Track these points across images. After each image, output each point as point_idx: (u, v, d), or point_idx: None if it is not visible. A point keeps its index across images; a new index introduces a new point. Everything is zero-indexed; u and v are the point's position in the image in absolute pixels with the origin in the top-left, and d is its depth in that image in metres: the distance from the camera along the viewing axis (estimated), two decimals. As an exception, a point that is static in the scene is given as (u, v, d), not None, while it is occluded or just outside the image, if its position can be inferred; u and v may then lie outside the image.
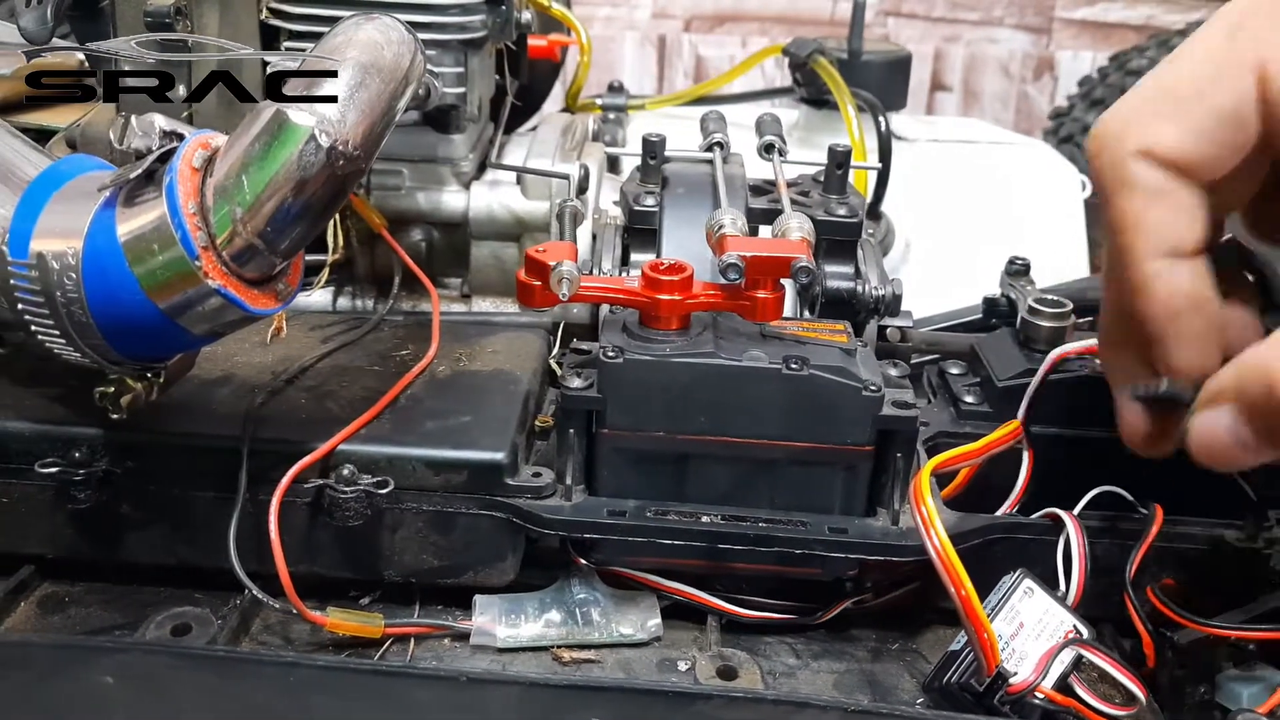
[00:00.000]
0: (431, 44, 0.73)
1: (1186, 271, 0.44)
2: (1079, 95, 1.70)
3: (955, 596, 0.48)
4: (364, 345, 0.69)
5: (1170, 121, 0.42)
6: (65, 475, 0.56)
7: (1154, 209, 0.43)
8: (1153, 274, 0.44)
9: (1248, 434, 0.42)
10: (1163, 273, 0.43)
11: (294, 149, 0.48)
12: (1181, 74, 0.43)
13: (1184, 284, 0.44)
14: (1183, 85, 0.42)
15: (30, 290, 0.50)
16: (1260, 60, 0.41)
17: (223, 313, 0.51)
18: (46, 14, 0.65)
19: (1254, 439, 0.42)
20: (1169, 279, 0.43)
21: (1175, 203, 0.43)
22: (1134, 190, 0.43)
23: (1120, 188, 0.43)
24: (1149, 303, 0.44)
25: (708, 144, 0.73)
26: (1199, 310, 0.44)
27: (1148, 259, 0.43)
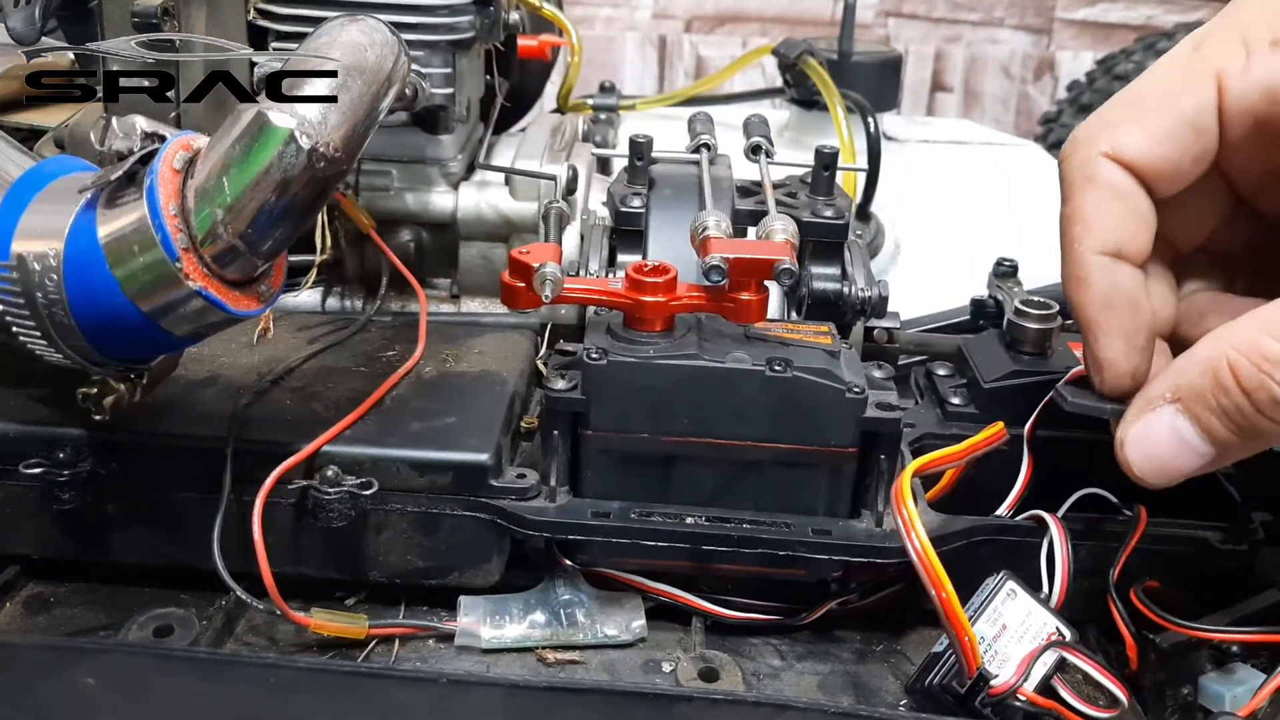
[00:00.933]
0: (419, 45, 0.73)
1: (1126, 272, 0.45)
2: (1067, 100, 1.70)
3: (936, 598, 0.48)
4: (351, 346, 0.69)
5: (1137, 126, 0.44)
6: (50, 476, 0.56)
7: (1109, 207, 0.45)
8: (1094, 266, 0.45)
9: (1193, 432, 0.43)
10: (1104, 266, 0.45)
11: (274, 150, 0.48)
12: (1149, 84, 0.45)
13: (1122, 280, 0.45)
14: (1149, 93, 0.44)
15: (11, 292, 0.50)
16: (1218, 70, 0.42)
17: (204, 314, 0.51)
18: (35, 14, 0.65)
19: (1201, 436, 0.43)
20: (1109, 272, 0.45)
21: (1130, 207, 0.45)
22: (1095, 186, 0.45)
23: (1084, 184, 0.45)
24: (1086, 292, 0.46)
25: (695, 145, 0.73)
26: (1132, 309, 0.46)
27: (1092, 252, 0.45)
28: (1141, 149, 0.44)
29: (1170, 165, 0.44)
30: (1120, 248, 0.46)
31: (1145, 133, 0.44)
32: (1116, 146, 0.45)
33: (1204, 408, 0.43)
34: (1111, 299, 0.46)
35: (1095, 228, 0.45)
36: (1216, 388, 0.42)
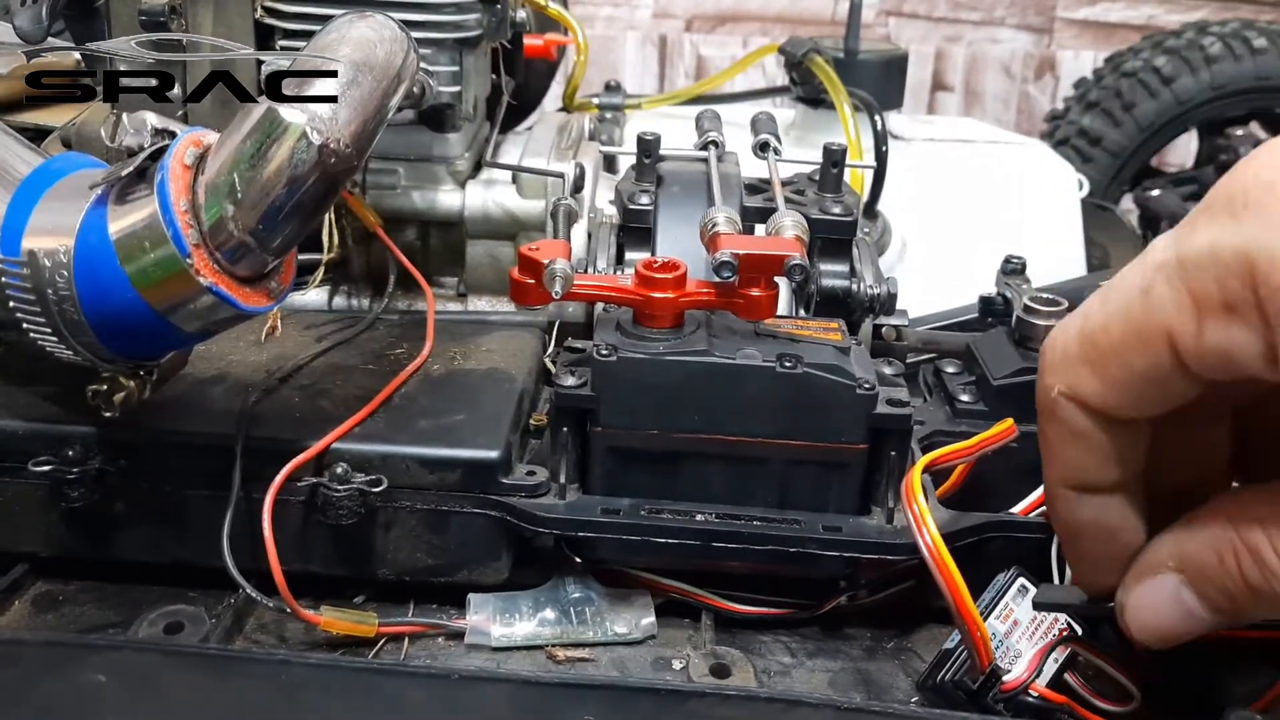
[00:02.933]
0: (426, 43, 0.73)
1: (1093, 505, 0.44)
2: (1074, 98, 1.69)
3: (947, 595, 0.47)
4: (359, 344, 0.69)
5: (1092, 372, 0.42)
6: (59, 474, 0.56)
7: (1069, 447, 0.43)
8: (1058, 498, 0.45)
9: (1195, 603, 0.43)
10: (1068, 499, 0.45)
11: (285, 147, 0.48)
12: (1102, 324, 0.41)
13: (1085, 515, 0.45)
14: (1102, 339, 0.41)
15: (22, 288, 0.50)
16: (1169, 330, 0.39)
17: (215, 310, 0.51)
18: (42, 13, 0.65)
19: (1203, 608, 0.43)
20: (1071, 508, 0.45)
21: (1090, 445, 0.43)
22: (1054, 423, 0.43)
23: (1045, 415, 0.44)
24: (1053, 519, 0.47)
25: (703, 143, 0.73)
26: (1100, 538, 0.45)
27: (1057, 485, 0.45)
28: (1098, 394, 0.42)
29: (1135, 409, 0.42)
30: (1084, 484, 0.44)
31: (1101, 382, 0.41)
32: (1072, 388, 0.42)
33: (1210, 586, 0.42)
34: (1076, 530, 0.46)
35: (1058, 462, 0.45)
36: (1222, 571, 0.42)
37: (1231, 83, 1.50)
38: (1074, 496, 0.45)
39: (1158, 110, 1.52)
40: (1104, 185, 1.52)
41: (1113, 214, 1.32)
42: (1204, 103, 1.51)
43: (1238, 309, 0.37)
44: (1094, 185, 1.42)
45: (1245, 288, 0.36)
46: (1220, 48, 1.51)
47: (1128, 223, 1.32)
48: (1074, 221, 1.04)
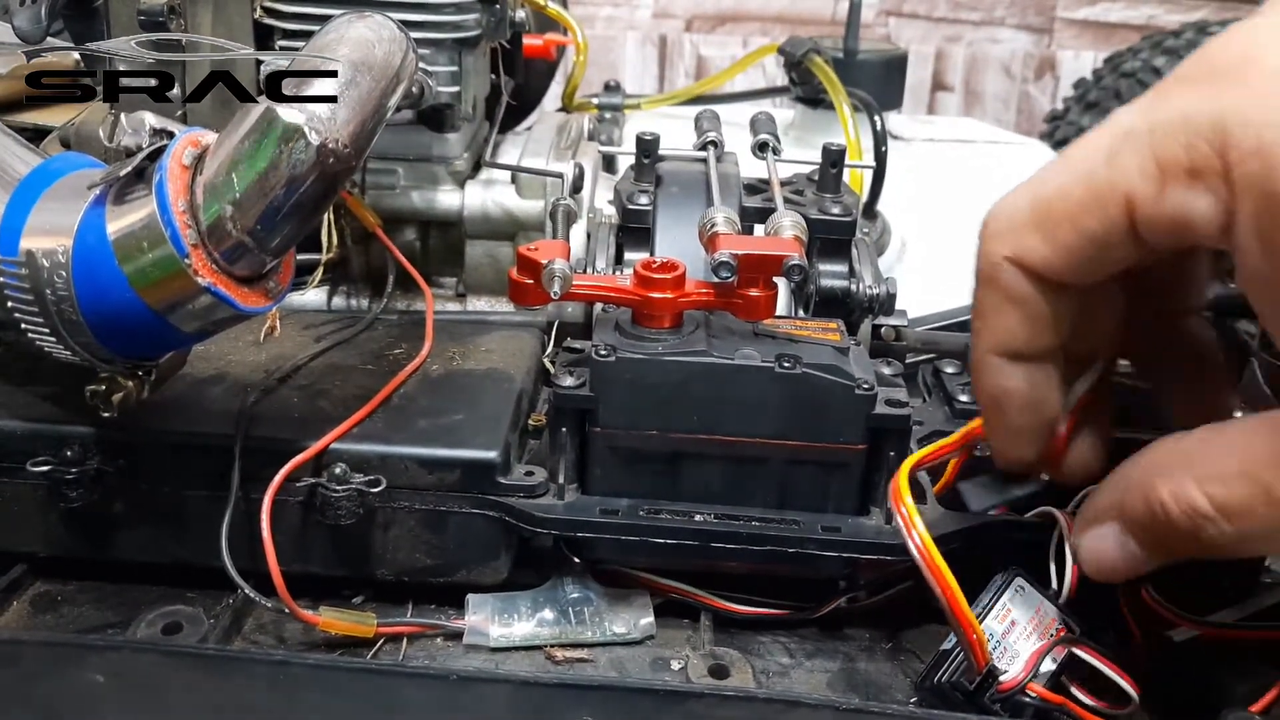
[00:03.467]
0: (425, 43, 0.73)
1: (1019, 373, 0.46)
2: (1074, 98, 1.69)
3: (940, 596, 0.47)
4: (357, 344, 0.69)
5: (1041, 236, 0.42)
6: (57, 474, 0.56)
7: (1004, 312, 0.44)
8: (985, 365, 0.46)
9: (1135, 547, 0.45)
10: (995, 367, 0.46)
11: (284, 147, 0.48)
12: (1058, 190, 0.42)
13: (1013, 383, 0.46)
14: (1057, 204, 0.42)
15: (20, 289, 0.50)
16: (1129, 192, 0.40)
17: (213, 311, 0.51)
18: (41, 13, 0.65)
19: (1143, 551, 0.45)
20: (997, 374, 0.46)
21: (1028, 312, 0.44)
22: (994, 289, 0.44)
23: (984, 282, 0.44)
24: (977, 386, 0.48)
25: (702, 143, 0.73)
26: (1022, 409, 0.47)
27: (987, 353, 0.46)
28: (1045, 259, 0.43)
29: (1077, 274, 0.43)
30: (1015, 351, 0.45)
31: (1050, 245, 0.42)
32: (1019, 253, 0.43)
33: (1144, 534, 0.44)
34: (1000, 399, 0.47)
35: (990, 328, 0.45)
36: (1151, 521, 0.43)
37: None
38: (1003, 364, 0.46)
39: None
40: None
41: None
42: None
43: (1203, 175, 0.38)
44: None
45: (1214, 153, 0.38)
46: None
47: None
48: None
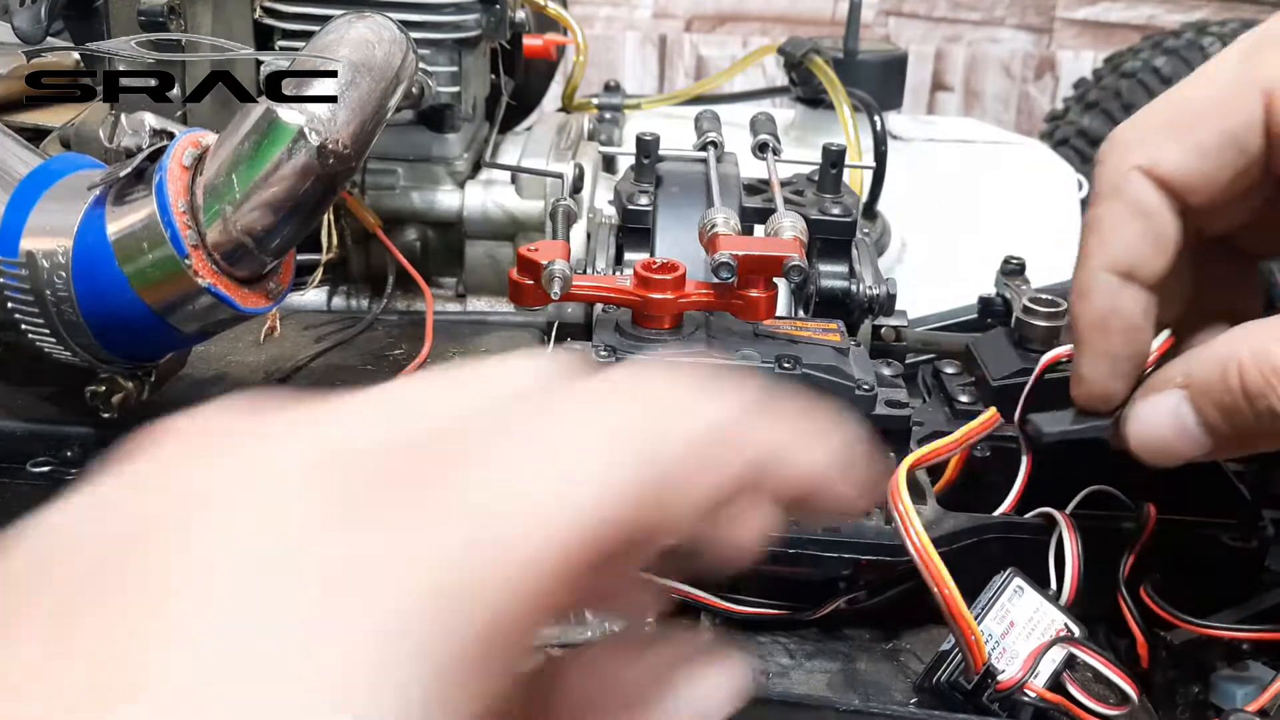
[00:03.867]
0: (425, 43, 0.73)
1: (1131, 295, 0.44)
2: (1074, 98, 1.69)
3: (937, 595, 0.47)
4: (357, 345, 0.69)
5: (1175, 140, 0.42)
6: (57, 474, 0.56)
7: (1129, 225, 0.43)
8: (1099, 283, 0.44)
9: (1194, 421, 0.43)
10: (1109, 286, 0.44)
11: (284, 148, 0.48)
12: (1193, 94, 0.42)
13: (1121, 303, 0.44)
14: (1192, 105, 0.42)
15: (20, 289, 0.50)
16: (1270, 83, 0.40)
17: (213, 311, 0.51)
18: (41, 13, 0.65)
19: (1201, 426, 0.43)
20: (1112, 293, 0.44)
21: (1152, 227, 0.43)
22: (1120, 200, 0.43)
23: (1110, 194, 0.43)
24: (1084, 306, 0.45)
25: (702, 143, 0.73)
26: (1126, 335, 0.45)
27: (1100, 268, 0.44)
28: (1179, 165, 0.42)
29: (1207, 182, 0.42)
30: (1132, 269, 0.44)
31: (1184, 148, 0.42)
32: (1152, 160, 0.42)
33: (1208, 401, 0.43)
34: (1108, 320, 0.45)
35: (1109, 243, 0.44)
36: (1222, 386, 0.42)
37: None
38: (1115, 283, 0.44)
39: (1157, 110, 1.52)
40: None
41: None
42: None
43: None
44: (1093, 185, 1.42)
45: None
46: (1220, 48, 1.50)
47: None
48: (1073, 221, 1.03)
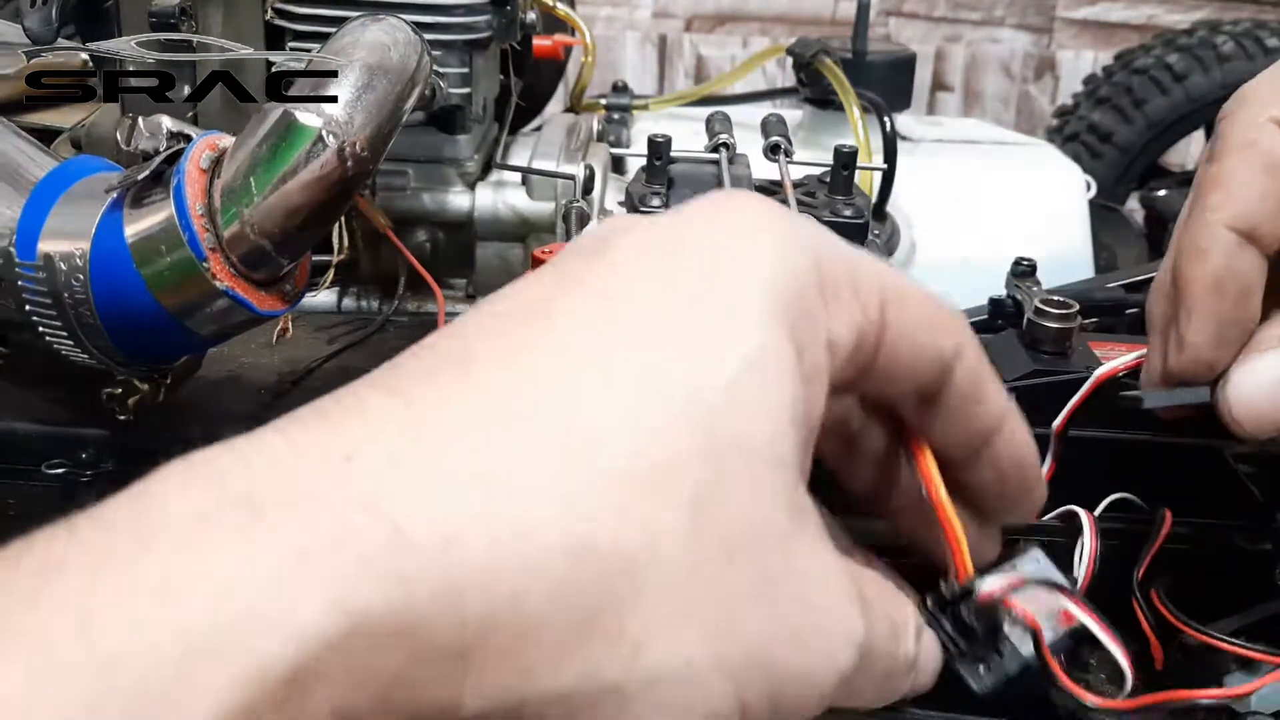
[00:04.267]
0: (436, 44, 0.73)
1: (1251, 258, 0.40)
2: (1084, 94, 1.69)
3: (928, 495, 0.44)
4: (370, 346, 0.69)
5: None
6: (72, 476, 0.56)
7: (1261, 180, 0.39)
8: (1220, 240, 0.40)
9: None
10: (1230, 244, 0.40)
11: (302, 150, 0.48)
12: None
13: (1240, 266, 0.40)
14: None
15: (37, 291, 0.50)
16: None
17: (230, 314, 0.51)
18: (51, 14, 0.65)
19: None
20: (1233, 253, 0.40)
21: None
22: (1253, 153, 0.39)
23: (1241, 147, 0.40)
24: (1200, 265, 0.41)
25: (713, 145, 0.73)
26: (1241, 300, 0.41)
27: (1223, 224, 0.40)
28: None
29: None
30: (1256, 228, 0.40)
31: None
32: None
33: None
34: (1224, 283, 0.41)
35: (1237, 198, 0.40)
36: None
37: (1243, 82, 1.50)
38: (1236, 243, 0.40)
39: (1169, 107, 1.52)
40: (1113, 181, 1.52)
41: (1120, 215, 1.32)
42: (1215, 101, 1.51)
43: None
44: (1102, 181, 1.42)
45: None
46: (1233, 46, 1.51)
47: (1135, 223, 1.32)
48: (1082, 223, 1.03)
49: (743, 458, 0.27)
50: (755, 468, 0.28)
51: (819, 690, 0.29)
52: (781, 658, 0.28)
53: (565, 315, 0.28)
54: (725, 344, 0.28)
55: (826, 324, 0.30)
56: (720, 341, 0.28)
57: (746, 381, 0.28)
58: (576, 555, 0.25)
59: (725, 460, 0.27)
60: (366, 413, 0.26)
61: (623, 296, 0.28)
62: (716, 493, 0.27)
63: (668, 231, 0.30)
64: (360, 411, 0.26)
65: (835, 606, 0.30)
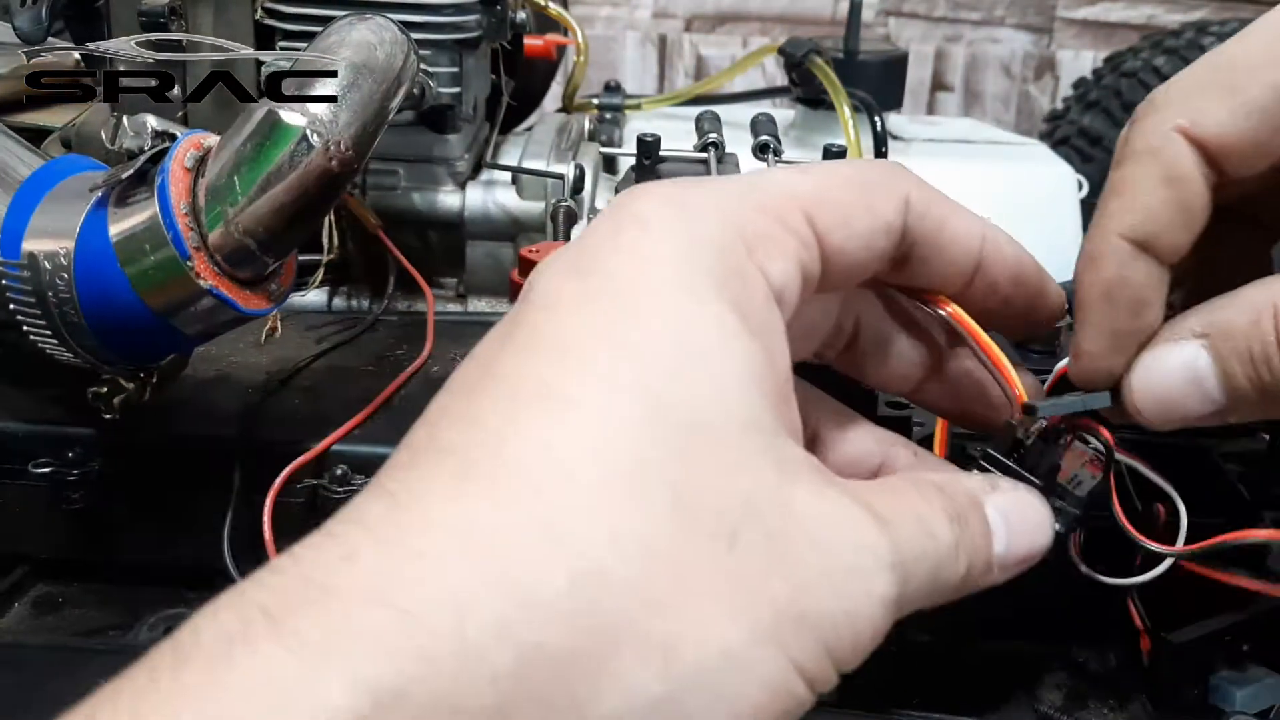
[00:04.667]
0: (426, 44, 0.73)
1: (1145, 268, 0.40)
2: (1074, 98, 1.69)
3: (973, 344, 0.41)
4: (359, 345, 0.69)
5: (1219, 99, 0.38)
6: (59, 475, 0.56)
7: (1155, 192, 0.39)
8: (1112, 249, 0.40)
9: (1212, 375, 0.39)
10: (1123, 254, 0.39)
11: (286, 149, 0.48)
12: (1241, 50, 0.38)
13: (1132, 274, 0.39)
14: (1240, 60, 0.38)
15: (22, 290, 0.50)
16: None
17: (215, 313, 0.51)
18: (42, 14, 0.65)
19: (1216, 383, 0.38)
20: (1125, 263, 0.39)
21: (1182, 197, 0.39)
22: (1152, 164, 0.39)
23: (1142, 155, 0.39)
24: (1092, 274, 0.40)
25: (702, 144, 0.73)
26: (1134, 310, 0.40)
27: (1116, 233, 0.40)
28: (1223, 124, 0.38)
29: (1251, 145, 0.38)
30: (1152, 239, 0.39)
31: (1230, 106, 0.37)
32: (1195, 118, 0.38)
33: (1231, 349, 0.38)
34: (1116, 293, 0.40)
35: (1134, 208, 0.39)
36: (1251, 331, 0.38)
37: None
38: (1129, 253, 0.39)
39: (1157, 110, 1.52)
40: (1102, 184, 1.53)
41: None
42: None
43: None
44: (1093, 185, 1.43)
45: None
46: (1219, 48, 1.51)
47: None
48: (1073, 222, 1.03)
49: (709, 438, 0.28)
50: (725, 443, 0.28)
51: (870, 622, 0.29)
52: (815, 608, 0.28)
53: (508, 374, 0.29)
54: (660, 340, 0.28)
55: (761, 270, 0.31)
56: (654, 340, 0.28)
57: (690, 365, 0.28)
58: (582, 589, 0.25)
59: (693, 448, 0.28)
60: (361, 518, 0.27)
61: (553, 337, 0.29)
62: (695, 481, 0.27)
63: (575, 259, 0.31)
64: (355, 519, 0.27)
65: (849, 536, 0.30)
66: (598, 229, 0.32)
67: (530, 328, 0.29)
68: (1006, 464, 0.41)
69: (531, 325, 0.29)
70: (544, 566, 0.25)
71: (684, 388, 0.28)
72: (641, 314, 0.29)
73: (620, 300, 0.29)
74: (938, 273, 0.37)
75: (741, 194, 0.32)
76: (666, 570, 0.26)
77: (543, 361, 0.28)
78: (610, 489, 0.26)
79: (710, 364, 0.29)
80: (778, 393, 0.30)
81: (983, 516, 0.35)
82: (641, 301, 0.29)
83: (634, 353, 0.28)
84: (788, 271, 0.31)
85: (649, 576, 0.26)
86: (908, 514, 0.32)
